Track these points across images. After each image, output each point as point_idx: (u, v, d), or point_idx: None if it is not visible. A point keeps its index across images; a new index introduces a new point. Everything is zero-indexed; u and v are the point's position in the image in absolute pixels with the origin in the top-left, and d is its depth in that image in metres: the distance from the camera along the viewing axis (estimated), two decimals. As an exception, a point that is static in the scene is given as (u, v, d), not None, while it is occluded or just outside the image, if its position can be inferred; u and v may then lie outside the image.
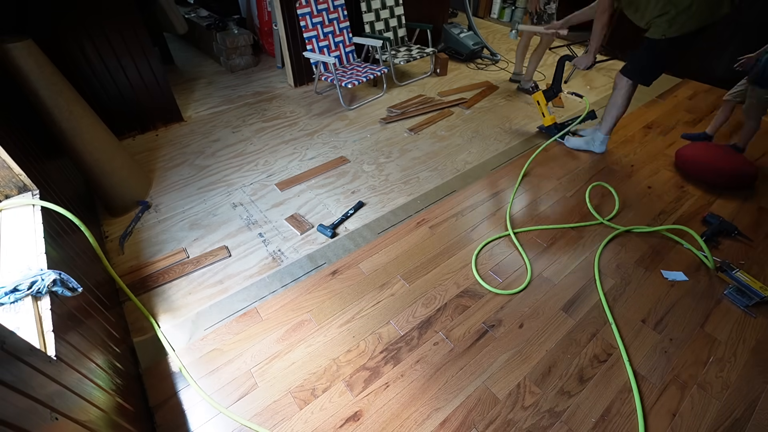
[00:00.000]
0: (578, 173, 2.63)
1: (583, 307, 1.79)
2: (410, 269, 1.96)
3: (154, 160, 2.73)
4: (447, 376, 1.53)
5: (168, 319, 1.73)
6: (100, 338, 1.28)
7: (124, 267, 1.96)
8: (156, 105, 2.97)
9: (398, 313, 1.76)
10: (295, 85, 3.76)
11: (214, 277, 1.92)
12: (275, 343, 1.64)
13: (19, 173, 1.38)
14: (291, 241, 2.12)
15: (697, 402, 1.46)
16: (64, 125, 1.95)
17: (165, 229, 2.19)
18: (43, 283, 0.99)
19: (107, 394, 1.12)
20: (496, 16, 5.74)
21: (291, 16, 3.29)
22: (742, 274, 1.83)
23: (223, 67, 4.17)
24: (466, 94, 3.64)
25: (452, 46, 4.29)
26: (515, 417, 1.41)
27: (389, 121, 3.20)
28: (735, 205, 2.36)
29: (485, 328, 1.70)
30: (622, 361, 1.57)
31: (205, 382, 1.51)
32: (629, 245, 2.10)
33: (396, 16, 3.82)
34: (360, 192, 2.47)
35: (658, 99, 3.57)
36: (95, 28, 2.45)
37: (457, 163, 2.73)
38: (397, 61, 3.59)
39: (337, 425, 1.39)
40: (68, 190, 1.94)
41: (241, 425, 1.38)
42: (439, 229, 2.20)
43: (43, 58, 1.88)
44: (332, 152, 2.84)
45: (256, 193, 2.46)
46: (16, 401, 0.70)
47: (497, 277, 1.93)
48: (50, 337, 0.94)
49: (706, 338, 1.67)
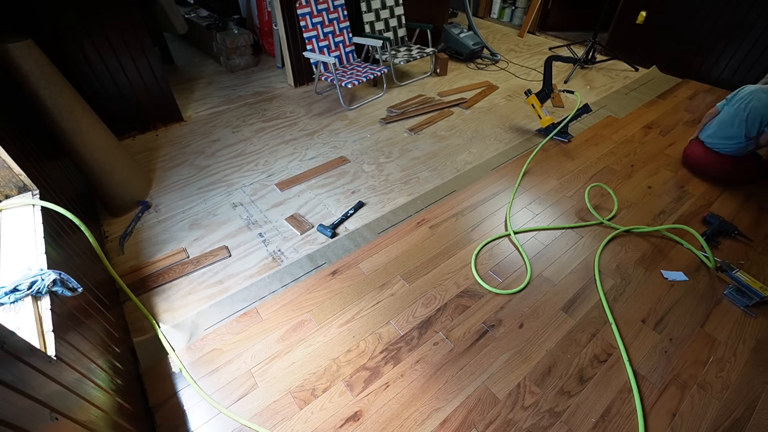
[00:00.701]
0: (578, 173, 2.63)
1: (583, 307, 1.79)
2: (410, 269, 1.96)
3: (154, 160, 2.73)
4: (447, 376, 1.53)
5: (168, 319, 1.73)
6: (100, 338, 1.28)
7: (124, 267, 1.96)
8: (156, 105, 2.97)
9: (398, 313, 1.76)
10: (295, 85, 3.76)
11: (214, 277, 1.92)
12: (275, 343, 1.64)
13: (19, 173, 1.38)
14: (291, 241, 2.12)
15: (697, 402, 1.46)
16: (64, 125, 1.95)
17: (165, 229, 2.19)
18: (43, 283, 0.99)
19: (107, 394, 1.12)
20: (496, 16, 5.74)
21: (291, 16, 3.29)
22: (742, 274, 1.83)
23: (223, 67, 4.17)
24: (466, 94, 3.64)
25: (452, 46, 4.29)
26: (515, 417, 1.41)
27: (389, 121, 3.20)
28: (735, 205, 2.36)
29: (485, 328, 1.70)
30: (622, 361, 1.57)
31: (205, 382, 1.51)
32: (629, 245, 2.10)
33: (396, 16, 3.82)
34: (360, 192, 2.47)
35: (658, 99, 3.57)
36: (95, 28, 2.46)
37: (457, 163, 2.73)
38: (397, 61, 3.59)
39: (337, 425, 1.39)
40: (68, 190, 1.94)
41: (241, 425, 1.38)
42: (439, 229, 2.20)
43: (43, 58, 1.89)
44: (332, 152, 2.84)
45: (256, 193, 2.46)
46: (16, 401, 0.70)
47: (497, 277, 1.93)
48: (50, 337, 0.94)
49: (706, 338, 1.67)
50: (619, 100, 3.55)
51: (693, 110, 3.38)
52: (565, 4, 5.07)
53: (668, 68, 4.02)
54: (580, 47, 4.56)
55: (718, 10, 3.54)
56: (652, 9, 3.96)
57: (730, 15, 3.47)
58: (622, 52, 4.22)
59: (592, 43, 4.01)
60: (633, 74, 4.04)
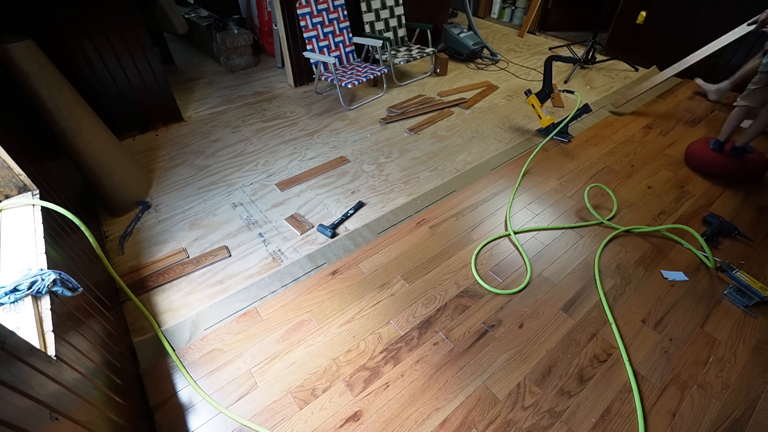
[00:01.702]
0: (578, 173, 2.63)
1: (583, 307, 1.79)
2: (410, 269, 1.96)
3: (154, 160, 2.73)
4: (447, 376, 1.53)
5: (168, 319, 1.73)
6: (100, 338, 1.28)
7: (124, 267, 1.96)
8: (156, 105, 2.97)
9: (398, 313, 1.76)
10: (295, 85, 3.76)
11: (214, 277, 1.92)
12: (275, 343, 1.64)
13: (19, 173, 1.38)
14: (291, 241, 2.12)
15: (697, 402, 1.46)
16: (64, 125, 1.95)
17: (165, 229, 2.19)
18: (43, 283, 0.99)
19: (107, 394, 1.12)
20: (496, 16, 5.74)
21: (291, 16, 3.29)
22: (742, 274, 1.83)
23: (223, 67, 4.17)
24: (466, 94, 3.64)
25: (452, 46, 4.29)
26: (515, 417, 1.41)
27: (389, 121, 3.20)
28: (735, 205, 2.36)
29: (485, 328, 1.70)
30: (622, 361, 1.57)
31: (205, 382, 1.51)
32: (629, 245, 2.10)
33: (396, 16, 3.82)
34: (360, 192, 2.47)
35: (658, 99, 3.57)
36: (95, 28, 2.46)
37: (457, 163, 2.73)
38: (397, 61, 3.59)
39: (337, 425, 1.39)
40: (68, 190, 1.94)
41: (241, 425, 1.38)
42: (439, 229, 2.20)
43: (43, 58, 1.89)
44: (332, 152, 2.84)
45: (256, 193, 2.46)
46: (16, 401, 0.70)
47: (497, 277, 1.93)
48: (50, 337, 0.94)
49: (706, 338, 1.67)
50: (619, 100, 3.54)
51: (693, 110, 3.38)
52: (565, 4, 5.07)
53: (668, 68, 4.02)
54: (580, 47, 4.56)
55: (718, 10, 3.54)
56: (652, 9, 3.96)
57: (730, 15, 3.47)
58: (622, 52, 4.22)
59: (592, 43, 4.01)
60: (633, 74, 4.04)
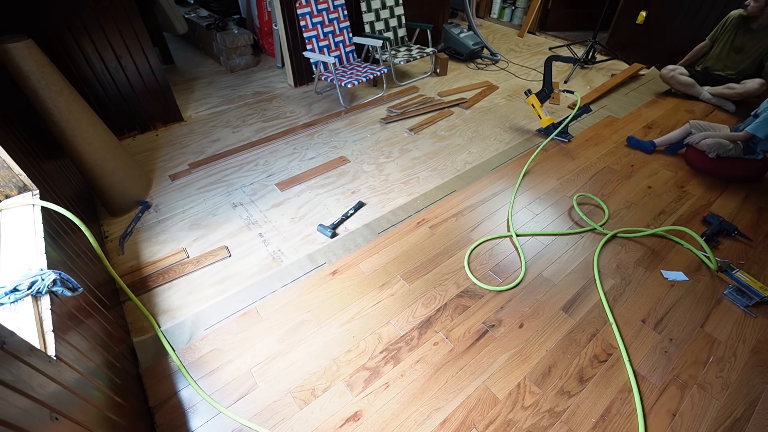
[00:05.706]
0: (578, 173, 2.63)
1: (583, 307, 1.79)
2: (410, 269, 1.96)
3: (154, 160, 2.73)
4: (447, 376, 1.53)
5: (168, 319, 1.73)
6: (100, 338, 1.28)
7: (124, 267, 1.96)
8: (156, 105, 2.97)
9: (398, 313, 1.76)
10: (295, 85, 3.76)
11: (214, 277, 1.92)
12: (275, 343, 1.64)
13: (19, 173, 1.38)
14: (291, 241, 2.12)
15: (697, 402, 1.46)
16: (64, 125, 1.95)
17: (165, 229, 2.19)
18: (43, 283, 0.99)
19: (107, 394, 1.12)
20: (496, 16, 5.74)
21: (291, 16, 3.29)
22: (742, 274, 1.83)
23: (223, 67, 4.17)
24: (466, 94, 3.64)
25: (452, 46, 4.29)
26: (515, 417, 1.41)
27: (389, 121, 3.20)
28: (735, 205, 2.36)
29: (485, 328, 1.70)
30: (622, 361, 1.57)
31: (205, 382, 1.51)
32: (629, 245, 2.10)
33: (396, 16, 3.82)
34: (360, 192, 2.47)
35: (658, 99, 3.57)
36: (95, 28, 2.45)
37: (457, 163, 2.73)
38: (397, 61, 3.59)
39: (337, 425, 1.39)
40: (68, 190, 1.94)
41: (241, 425, 1.38)
42: (439, 229, 2.20)
43: (43, 58, 1.88)
44: (332, 152, 2.84)
45: (256, 193, 2.46)
46: (16, 401, 0.70)
47: (497, 277, 1.93)
48: (50, 337, 0.94)
49: (706, 338, 1.67)
50: (619, 100, 3.55)
51: (693, 110, 3.38)
52: (565, 4, 5.07)
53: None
54: (580, 47, 4.56)
55: (718, 10, 3.54)
56: (652, 9, 3.96)
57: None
58: (622, 52, 4.22)
59: (592, 43, 4.01)
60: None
